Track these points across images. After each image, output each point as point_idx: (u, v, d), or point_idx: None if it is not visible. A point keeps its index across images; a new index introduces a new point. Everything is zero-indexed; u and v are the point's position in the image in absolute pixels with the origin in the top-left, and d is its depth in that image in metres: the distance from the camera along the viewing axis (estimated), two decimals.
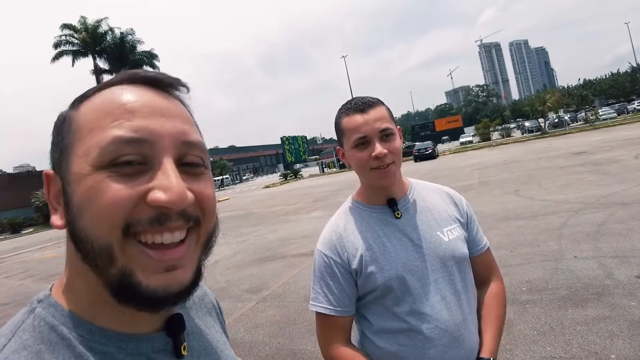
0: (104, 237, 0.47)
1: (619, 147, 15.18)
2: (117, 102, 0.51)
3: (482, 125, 44.77)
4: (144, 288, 0.48)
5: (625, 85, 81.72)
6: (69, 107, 0.55)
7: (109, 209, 0.46)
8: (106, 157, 0.48)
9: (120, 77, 0.54)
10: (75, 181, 0.48)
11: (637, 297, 3.60)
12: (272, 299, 5.36)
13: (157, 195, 0.47)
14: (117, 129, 0.48)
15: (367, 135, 1.18)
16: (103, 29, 34.44)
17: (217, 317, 0.79)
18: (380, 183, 1.22)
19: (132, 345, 0.54)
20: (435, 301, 1.19)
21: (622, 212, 6.25)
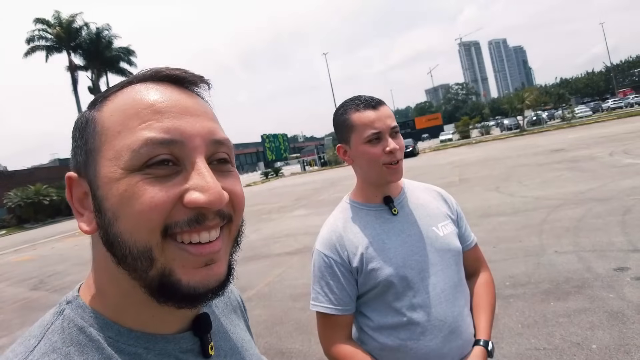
0: (143, 241, 0.47)
1: (595, 144, 15.58)
2: (144, 103, 0.50)
3: (462, 123, 45.43)
4: (184, 285, 0.48)
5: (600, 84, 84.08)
6: (89, 108, 0.54)
7: (146, 213, 0.46)
8: (139, 159, 0.47)
9: (142, 75, 0.53)
10: (106, 185, 0.48)
11: (615, 289, 3.71)
12: (258, 298, 5.34)
13: (195, 197, 0.47)
14: (148, 131, 0.48)
15: (381, 131, 1.22)
16: (78, 24, 33.70)
17: (242, 315, 0.79)
18: (391, 178, 1.25)
19: (159, 346, 0.54)
20: (435, 294, 1.23)
21: (599, 208, 6.43)
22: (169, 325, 0.56)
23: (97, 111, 0.52)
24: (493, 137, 37.07)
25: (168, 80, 0.53)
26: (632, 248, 4.58)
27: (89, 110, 0.53)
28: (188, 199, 0.47)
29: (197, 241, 0.49)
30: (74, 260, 11.12)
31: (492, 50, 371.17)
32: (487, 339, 1.27)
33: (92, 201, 0.50)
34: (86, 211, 0.52)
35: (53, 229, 23.46)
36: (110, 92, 0.53)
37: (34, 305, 7.09)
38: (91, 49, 34.04)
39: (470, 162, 17.84)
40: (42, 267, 11.13)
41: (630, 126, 20.79)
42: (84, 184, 0.52)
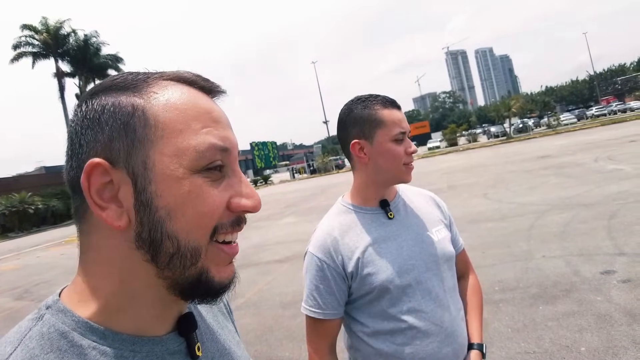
0: (197, 240, 0.49)
1: (580, 151, 15.83)
2: (203, 108, 0.52)
3: (449, 131, 45.85)
4: (216, 282, 0.52)
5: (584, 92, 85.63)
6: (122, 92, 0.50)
7: (209, 214, 0.49)
8: (202, 162, 0.49)
9: (176, 76, 0.54)
10: (164, 182, 0.48)
11: (602, 292, 3.76)
12: (247, 307, 5.29)
13: (244, 202, 0.52)
14: (210, 137, 0.50)
15: (406, 131, 1.24)
16: (66, 30, 33.38)
17: (230, 316, 0.77)
18: (407, 178, 1.27)
19: (146, 348, 0.53)
20: (430, 299, 1.22)
21: (585, 213, 6.51)
22: (156, 327, 0.55)
23: (144, 100, 0.50)
24: (480, 144, 37.44)
25: (202, 88, 0.55)
26: (618, 252, 4.64)
27: (126, 95, 0.50)
28: (236, 203, 0.52)
29: (230, 240, 0.53)
30: (60, 269, 10.93)
31: (478, 58, 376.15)
32: (481, 342, 1.30)
33: (132, 195, 0.48)
34: (111, 205, 0.48)
35: (38, 238, 23.04)
36: (144, 80, 0.52)
37: (19, 316, 6.94)
38: (79, 56, 33.69)
39: (458, 169, 17.98)
40: (27, 276, 10.90)
41: (613, 133, 21.17)
42: (119, 174, 0.48)
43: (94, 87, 0.53)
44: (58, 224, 31.67)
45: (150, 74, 0.53)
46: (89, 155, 0.48)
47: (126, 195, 0.48)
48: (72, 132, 0.50)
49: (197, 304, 0.54)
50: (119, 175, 0.48)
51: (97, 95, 0.51)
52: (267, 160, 63.97)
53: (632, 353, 2.81)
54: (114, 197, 0.48)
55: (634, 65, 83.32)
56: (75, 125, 0.50)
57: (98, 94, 0.51)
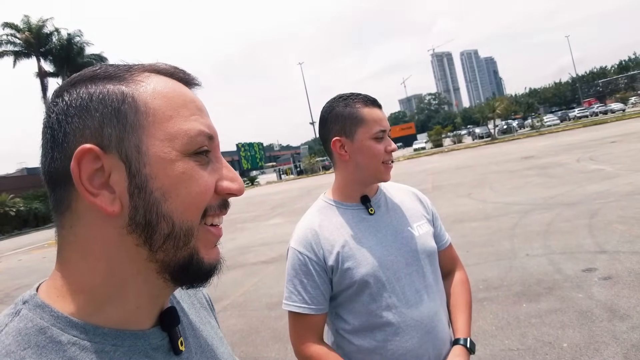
0: (190, 220, 0.51)
1: (563, 151, 16.10)
2: (188, 97, 0.54)
3: (435, 132, 46.27)
4: (205, 263, 0.53)
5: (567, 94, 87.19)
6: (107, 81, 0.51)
7: (201, 194, 0.51)
8: (193, 146, 0.51)
9: (156, 68, 0.55)
10: (158, 164, 0.49)
11: (584, 289, 3.82)
12: (233, 308, 5.27)
13: (230, 185, 0.55)
14: (198, 124, 0.53)
15: (386, 130, 1.25)
16: (49, 29, 32.79)
17: (212, 312, 0.76)
18: (386, 177, 1.28)
19: (128, 342, 0.52)
20: (410, 294, 1.23)
21: (567, 212, 6.62)
22: (138, 321, 0.54)
23: (132, 88, 0.50)
24: (465, 145, 37.83)
25: (184, 81, 0.57)
26: (599, 249, 4.73)
27: (113, 83, 0.50)
28: (223, 186, 0.54)
29: (217, 223, 0.55)
30: (42, 273, 10.73)
31: (464, 61, 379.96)
32: (467, 337, 1.28)
33: (126, 179, 0.48)
34: (103, 191, 0.48)
35: (20, 241, 22.59)
36: (127, 70, 0.52)
37: None
38: (62, 55, 33.06)
39: (443, 170, 18.13)
40: (8, 280, 10.69)
41: (595, 134, 21.58)
42: (110, 160, 0.48)
43: (72, 77, 0.52)
44: (40, 226, 31.11)
45: (131, 65, 0.54)
46: (76, 143, 0.47)
47: (118, 180, 0.48)
48: (54, 122, 0.49)
49: (186, 289, 0.55)
50: (111, 160, 0.48)
51: (79, 84, 0.50)
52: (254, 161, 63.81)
53: (613, 348, 2.86)
54: (104, 183, 0.48)
55: (614, 68, 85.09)
56: (58, 115, 0.49)
57: (80, 83, 0.50)
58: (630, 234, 5.06)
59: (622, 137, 17.27)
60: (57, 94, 0.51)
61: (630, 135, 17.42)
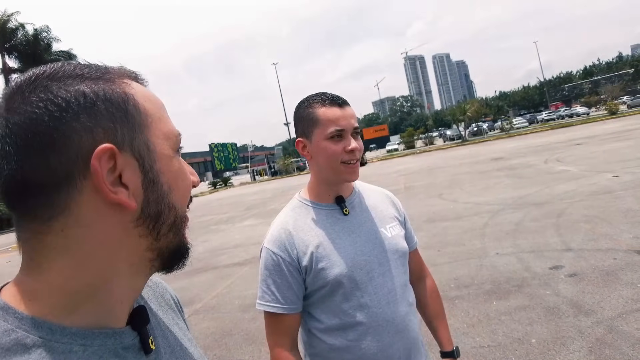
0: (184, 209, 0.58)
1: (531, 153, 16.58)
2: (160, 101, 0.58)
3: (407, 134, 46.89)
4: (188, 245, 0.59)
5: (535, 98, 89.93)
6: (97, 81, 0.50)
7: (189, 187, 0.59)
8: (177, 144, 0.57)
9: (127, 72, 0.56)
10: (163, 160, 0.54)
11: (551, 286, 3.94)
12: (206, 311, 5.19)
13: (194, 178, 0.60)
14: (173, 125, 0.58)
15: (345, 129, 1.21)
16: (14, 24, 31.59)
17: (180, 313, 0.75)
18: (348, 177, 1.25)
19: (98, 342, 0.50)
20: (382, 294, 1.23)
21: (536, 212, 6.81)
22: (108, 319, 0.53)
23: (126, 91, 0.52)
24: (437, 147, 38.48)
25: (142, 83, 0.58)
26: (566, 247, 4.88)
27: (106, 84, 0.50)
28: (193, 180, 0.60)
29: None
30: (7, 278, 10.31)
31: (436, 64, 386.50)
32: (453, 347, 1.40)
33: (140, 175, 0.51)
34: (120, 188, 0.49)
35: None
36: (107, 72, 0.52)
37: None
38: (28, 52, 31.74)
39: (415, 171, 18.39)
40: None
41: (562, 136, 22.30)
42: (123, 158, 0.49)
43: (49, 71, 0.48)
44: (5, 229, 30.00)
45: (108, 67, 0.53)
46: (85, 143, 0.46)
47: (131, 176, 0.50)
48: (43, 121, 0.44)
49: (167, 272, 0.58)
50: (124, 158, 0.49)
51: (66, 80, 0.47)
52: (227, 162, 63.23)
53: (578, 342, 2.94)
54: (115, 181, 0.48)
55: (579, 74, 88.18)
56: (51, 114, 0.44)
57: (66, 79, 0.47)
58: (594, 232, 5.23)
59: (587, 139, 17.91)
60: (32, 89, 0.46)
61: (595, 137, 18.09)
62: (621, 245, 4.64)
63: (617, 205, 6.27)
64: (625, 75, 71.25)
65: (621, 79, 70.50)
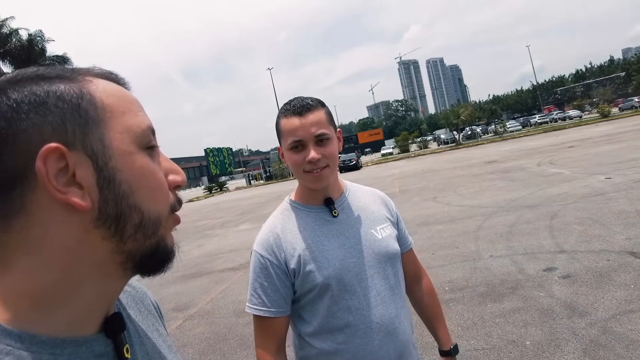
0: (158, 210, 0.53)
1: (524, 156, 16.67)
2: (131, 96, 0.56)
3: (402, 138, 47.05)
4: (169, 247, 0.55)
5: (528, 101, 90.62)
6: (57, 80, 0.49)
7: (160, 187, 0.54)
8: (144, 139, 0.53)
9: (99, 72, 0.55)
10: (121, 157, 0.50)
11: (545, 288, 3.94)
12: (200, 316, 5.16)
13: (175, 178, 0.57)
14: (145, 119, 0.55)
15: (303, 139, 1.18)
16: (8, 29, 31.41)
17: (161, 320, 0.74)
18: (313, 185, 1.23)
19: (68, 350, 0.49)
20: (372, 296, 1.22)
21: (529, 214, 6.83)
22: (80, 327, 0.51)
23: (84, 88, 0.50)
24: (431, 150, 38.60)
25: (118, 82, 0.57)
26: (559, 249, 4.90)
27: (65, 83, 0.49)
28: (170, 180, 0.56)
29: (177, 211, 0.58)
30: None
31: (430, 68, 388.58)
32: (452, 345, 1.41)
33: (93, 173, 0.48)
34: (72, 188, 0.47)
35: None
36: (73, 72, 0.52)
37: None
38: (23, 57, 31.55)
39: (410, 174, 18.43)
40: None
41: (554, 139, 22.44)
42: (75, 156, 0.47)
43: (11, 76, 0.48)
44: None
45: (74, 68, 0.54)
46: (34, 141, 0.45)
47: (85, 175, 0.47)
48: None
49: (147, 276, 0.56)
50: (75, 157, 0.47)
51: (24, 82, 0.47)
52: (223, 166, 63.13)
53: (573, 344, 2.95)
54: (69, 181, 0.46)
55: (572, 77, 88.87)
56: (4, 113, 0.45)
57: (25, 81, 0.47)
58: (587, 234, 5.26)
59: (579, 142, 18.04)
60: None
61: (587, 140, 18.21)
62: (614, 246, 4.66)
63: (610, 207, 6.30)
64: (617, 78, 71.87)
65: (613, 82, 71.15)
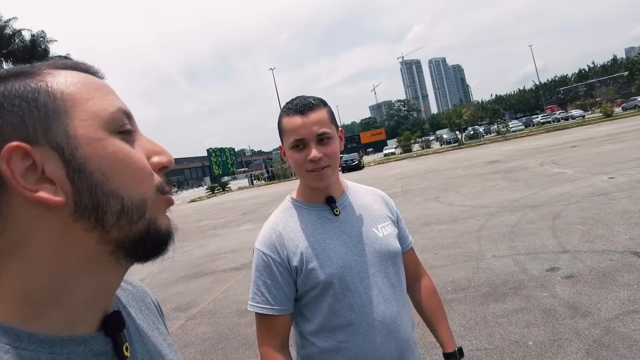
0: (140, 193, 0.51)
1: (527, 156, 16.63)
2: (99, 82, 0.54)
3: (404, 138, 46.95)
4: (164, 230, 0.53)
5: (531, 101, 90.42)
6: (15, 78, 0.48)
7: (140, 170, 0.51)
8: (115, 123, 0.51)
9: (63, 64, 0.54)
10: (89, 145, 0.48)
11: (548, 288, 3.93)
12: (202, 316, 5.17)
13: (160, 159, 0.55)
14: (114, 101, 0.53)
15: (305, 138, 1.19)
16: (10, 30, 31.51)
17: (161, 318, 0.74)
18: (315, 184, 1.24)
19: (67, 349, 0.48)
20: (373, 294, 1.23)
21: (532, 214, 6.81)
22: (78, 325, 0.51)
23: (44, 81, 0.49)
24: (433, 150, 38.57)
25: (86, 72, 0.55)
26: (562, 249, 4.88)
27: (22, 80, 0.48)
28: (154, 162, 0.54)
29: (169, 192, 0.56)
30: None
31: (432, 68, 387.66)
32: (456, 347, 1.38)
33: (62, 166, 0.47)
34: (44, 184, 0.46)
35: None
36: (32, 68, 0.51)
37: None
38: (26, 57, 31.68)
39: (412, 174, 18.41)
40: None
41: (557, 139, 22.39)
42: (40, 152, 0.46)
43: None
44: None
45: (35, 64, 0.52)
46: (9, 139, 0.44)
47: (54, 169, 0.46)
48: None
49: (143, 262, 0.54)
50: (41, 152, 0.46)
51: None
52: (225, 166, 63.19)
53: (576, 344, 2.94)
54: (40, 178, 0.46)
55: (574, 77, 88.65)
56: None
57: None
58: (590, 234, 5.24)
59: (582, 142, 17.98)
60: None
61: (590, 140, 18.16)
62: (617, 246, 4.64)
63: (613, 206, 6.28)
64: (620, 78, 71.68)
65: (616, 81, 70.94)
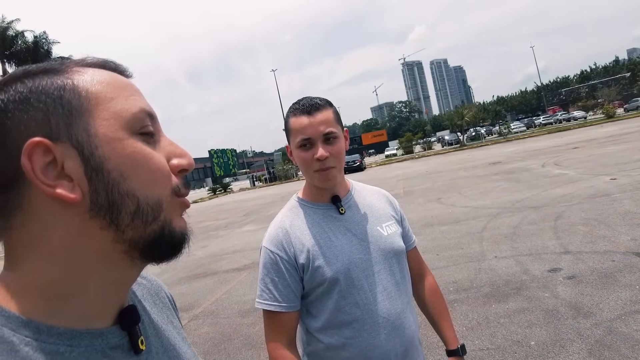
0: (156, 195, 0.51)
1: (529, 157, 16.64)
2: (125, 81, 0.55)
3: (405, 139, 46.97)
4: (178, 232, 0.54)
5: (532, 102, 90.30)
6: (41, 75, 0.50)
7: (158, 171, 0.52)
8: (137, 124, 0.52)
9: (92, 62, 0.55)
10: (109, 144, 0.49)
11: (549, 288, 3.94)
12: (205, 316, 5.18)
13: (180, 161, 0.56)
14: (138, 102, 0.53)
15: (312, 137, 1.21)
16: (13, 31, 31.61)
17: (175, 312, 0.75)
18: (322, 184, 1.26)
19: (85, 342, 0.50)
20: (378, 292, 1.25)
21: (533, 215, 6.82)
22: (95, 319, 0.52)
23: (68, 79, 0.50)
24: (435, 152, 38.55)
25: (115, 70, 0.56)
26: (564, 250, 4.89)
27: (49, 77, 0.49)
28: (174, 164, 0.55)
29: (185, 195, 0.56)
30: None
31: (433, 69, 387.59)
32: (458, 344, 1.39)
33: (81, 164, 0.48)
34: (62, 181, 0.47)
35: None
36: (60, 65, 0.52)
37: None
38: (28, 59, 31.73)
39: (414, 176, 18.42)
40: None
41: (559, 140, 22.37)
42: (61, 149, 0.47)
43: (3, 79, 0.50)
44: None
45: (64, 60, 0.54)
46: (22, 139, 0.45)
47: (73, 167, 0.47)
48: None
49: (159, 263, 0.55)
50: (62, 149, 0.47)
51: (12, 82, 0.48)
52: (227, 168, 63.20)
53: (578, 345, 2.95)
54: (60, 174, 0.47)
55: (576, 78, 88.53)
56: None
57: (13, 81, 0.49)
58: (592, 234, 5.25)
59: (584, 143, 17.97)
60: None
61: (592, 141, 18.14)
62: (619, 247, 4.65)
63: (615, 207, 6.28)
64: (622, 79, 71.55)
65: (618, 82, 70.82)
